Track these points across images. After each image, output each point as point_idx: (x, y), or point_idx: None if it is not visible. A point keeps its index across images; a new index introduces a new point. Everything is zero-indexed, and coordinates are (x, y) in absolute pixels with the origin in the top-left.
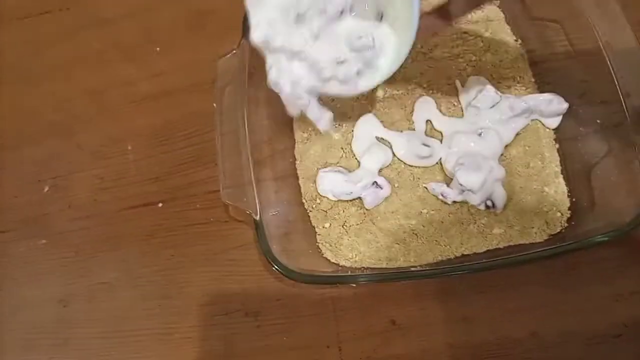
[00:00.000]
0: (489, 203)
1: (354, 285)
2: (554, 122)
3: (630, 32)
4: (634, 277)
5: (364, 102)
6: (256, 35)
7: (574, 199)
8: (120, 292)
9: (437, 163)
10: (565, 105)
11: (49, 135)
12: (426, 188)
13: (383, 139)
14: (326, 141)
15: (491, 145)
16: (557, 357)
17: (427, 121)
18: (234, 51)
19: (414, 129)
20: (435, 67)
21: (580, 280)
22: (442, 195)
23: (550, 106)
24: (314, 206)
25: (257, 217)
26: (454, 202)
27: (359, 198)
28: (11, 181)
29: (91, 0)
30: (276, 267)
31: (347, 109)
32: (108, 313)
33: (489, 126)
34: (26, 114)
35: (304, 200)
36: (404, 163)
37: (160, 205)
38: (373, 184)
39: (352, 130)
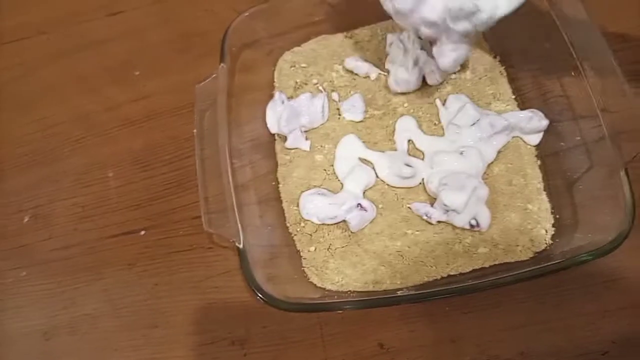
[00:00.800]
0: (473, 222)
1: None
2: (535, 138)
3: (606, 46)
4: (621, 292)
5: (346, 123)
6: None
7: (557, 216)
8: (103, 323)
9: (420, 183)
10: (545, 122)
11: (31, 163)
12: (410, 208)
13: (366, 160)
14: (309, 163)
15: (473, 164)
16: None
17: (408, 141)
18: (214, 75)
19: (396, 149)
20: None
21: (567, 297)
22: (427, 215)
23: (531, 123)
24: (298, 230)
25: (241, 245)
26: (439, 222)
27: (344, 220)
28: None
29: (69, 25)
30: (260, 296)
31: (329, 130)
32: (92, 345)
33: (470, 144)
34: (5, 142)
35: (288, 224)
36: (387, 184)
37: (142, 232)
38: (357, 206)
39: (335, 152)
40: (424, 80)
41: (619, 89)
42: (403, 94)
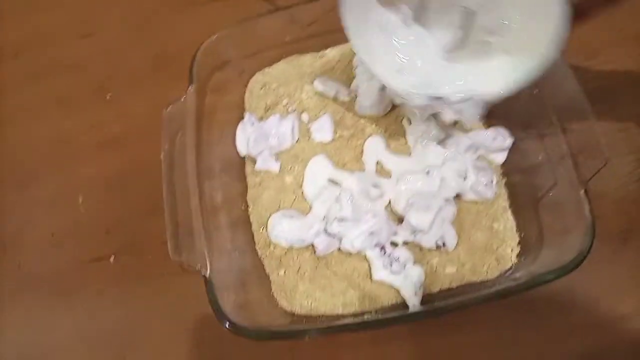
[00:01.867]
0: (440, 242)
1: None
2: (500, 157)
3: (567, 68)
4: (587, 308)
5: (315, 144)
6: None
7: (522, 234)
8: (74, 354)
9: (387, 204)
10: (509, 141)
11: (1, 188)
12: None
13: (335, 181)
14: (278, 185)
15: (439, 184)
16: None
17: (377, 161)
18: (183, 98)
19: (364, 170)
20: None
21: (535, 314)
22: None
23: (495, 142)
24: (267, 253)
25: (207, 275)
26: (406, 242)
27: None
28: None
29: (42, 47)
30: (227, 327)
31: (298, 151)
32: None
33: (436, 164)
34: None
35: (257, 248)
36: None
37: (112, 259)
38: (325, 230)
39: (304, 173)
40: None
41: (579, 108)
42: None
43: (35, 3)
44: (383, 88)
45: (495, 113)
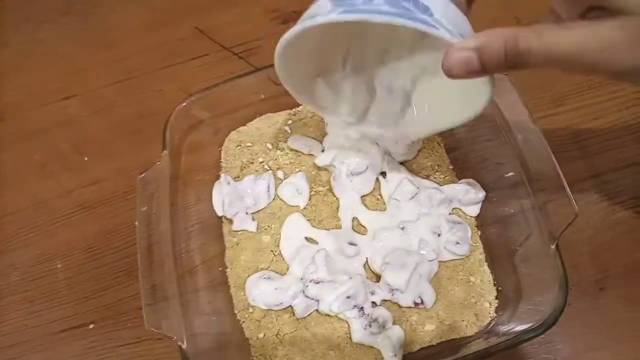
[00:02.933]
0: (418, 300)
1: None
2: (474, 210)
3: (527, 115)
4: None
5: (292, 205)
6: None
7: (500, 288)
8: None
9: (365, 262)
10: (482, 194)
11: None
12: None
13: (312, 239)
14: (256, 245)
15: (414, 239)
16: None
17: (353, 218)
18: (157, 162)
19: (340, 226)
20: None
21: None
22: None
23: (468, 195)
24: (246, 316)
25: (184, 345)
26: (384, 300)
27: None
28: None
29: (25, 111)
30: None
31: (275, 209)
32: None
33: (410, 219)
34: None
35: (236, 311)
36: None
37: (91, 326)
38: (303, 292)
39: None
40: None
41: (546, 156)
42: None
43: (21, 66)
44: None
45: (468, 163)
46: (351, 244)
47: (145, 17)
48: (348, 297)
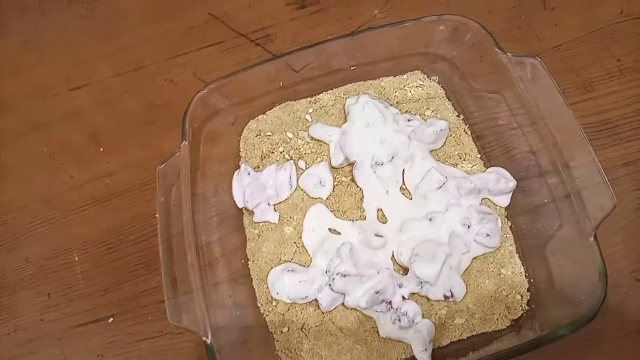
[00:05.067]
0: (448, 293)
1: None
2: (504, 200)
3: (562, 100)
4: (602, 355)
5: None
6: None
7: (531, 280)
8: None
9: (391, 255)
10: (512, 184)
11: None
12: None
13: (335, 230)
14: (278, 237)
15: (443, 230)
16: None
17: (378, 209)
18: (177, 153)
19: (365, 217)
20: None
21: None
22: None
23: (498, 185)
24: (270, 310)
25: (209, 340)
26: (413, 293)
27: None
28: None
29: (35, 102)
30: None
31: (297, 200)
32: None
33: (438, 210)
34: None
35: (259, 304)
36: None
37: (110, 320)
38: (328, 285)
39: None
40: None
41: (580, 142)
42: None
43: (28, 57)
44: None
45: (497, 152)
46: (378, 235)
47: (152, 5)
48: (377, 293)
